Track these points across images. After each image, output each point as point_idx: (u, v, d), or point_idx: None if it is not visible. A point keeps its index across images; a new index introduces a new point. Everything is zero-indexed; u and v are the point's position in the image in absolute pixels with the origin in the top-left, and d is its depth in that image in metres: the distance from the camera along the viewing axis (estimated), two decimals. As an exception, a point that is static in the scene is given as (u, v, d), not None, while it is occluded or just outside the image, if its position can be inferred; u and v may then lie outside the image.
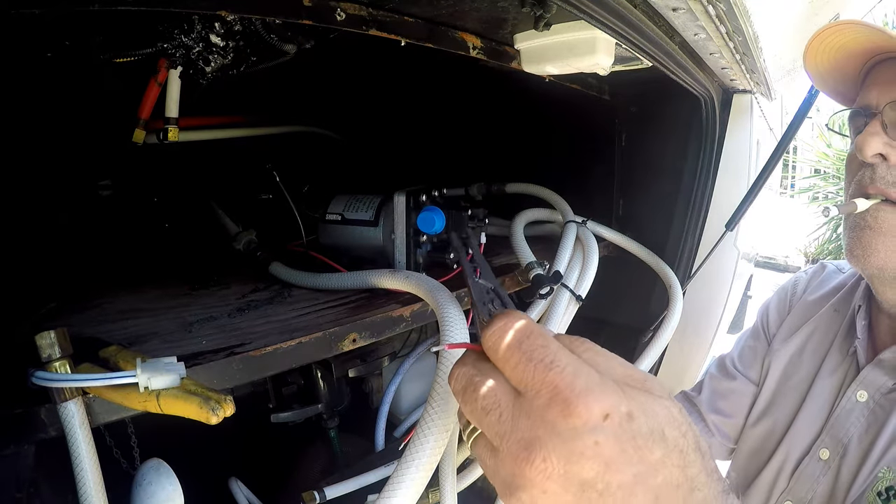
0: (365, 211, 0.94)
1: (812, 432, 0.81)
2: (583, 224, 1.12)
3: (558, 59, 0.90)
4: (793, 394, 0.87)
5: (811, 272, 1.00)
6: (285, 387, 1.03)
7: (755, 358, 0.97)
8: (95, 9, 0.56)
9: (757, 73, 1.07)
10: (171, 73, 0.87)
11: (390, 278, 0.79)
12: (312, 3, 0.67)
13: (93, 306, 0.78)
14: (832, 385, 0.82)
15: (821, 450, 0.79)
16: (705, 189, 1.23)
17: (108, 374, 0.48)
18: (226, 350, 0.62)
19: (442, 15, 0.83)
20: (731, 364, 1.00)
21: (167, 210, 1.21)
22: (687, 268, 1.26)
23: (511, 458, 0.34)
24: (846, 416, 0.78)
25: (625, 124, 1.36)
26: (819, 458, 0.79)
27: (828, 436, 0.79)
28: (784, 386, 0.89)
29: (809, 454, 0.80)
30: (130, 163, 1.10)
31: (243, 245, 1.01)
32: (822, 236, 6.73)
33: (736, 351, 1.02)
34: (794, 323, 0.94)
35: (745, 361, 0.98)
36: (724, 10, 0.74)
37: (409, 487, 0.43)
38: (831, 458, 0.78)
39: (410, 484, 0.43)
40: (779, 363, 0.91)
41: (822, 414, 0.81)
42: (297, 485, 1.02)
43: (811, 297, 0.94)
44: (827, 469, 0.78)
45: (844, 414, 0.78)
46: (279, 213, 1.11)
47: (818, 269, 1.00)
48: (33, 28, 0.74)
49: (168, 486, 0.62)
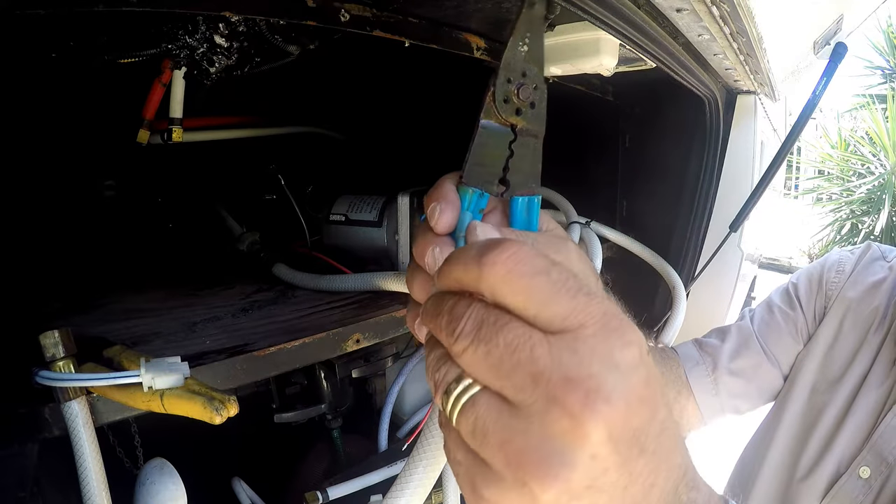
0: (369, 211, 0.94)
1: (852, 447, 0.76)
2: (586, 225, 1.11)
3: (562, 60, 0.90)
4: (826, 401, 0.80)
5: (858, 254, 0.89)
6: (289, 387, 1.03)
7: (780, 337, 0.87)
8: (100, 9, 0.56)
9: (761, 73, 1.07)
10: (176, 73, 0.87)
11: (395, 280, 0.79)
12: (316, 4, 0.67)
13: (97, 306, 0.78)
14: (877, 399, 0.76)
15: (861, 467, 0.74)
16: (709, 190, 1.23)
17: (112, 374, 0.48)
18: (229, 350, 0.62)
19: (446, 16, 0.83)
20: (760, 339, 0.89)
21: (171, 210, 1.21)
22: (690, 269, 1.26)
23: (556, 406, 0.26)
24: (892, 434, 0.73)
25: (628, 125, 1.36)
26: (859, 476, 0.74)
27: (870, 453, 0.74)
28: (816, 390, 0.82)
29: (849, 471, 0.75)
30: (134, 163, 1.10)
31: (247, 246, 1.01)
32: (826, 237, 6.71)
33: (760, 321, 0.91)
34: (831, 324, 0.85)
35: (772, 338, 0.88)
36: (728, 10, 0.74)
37: (417, 487, 0.43)
38: (872, 478, 0.73)
39: (418, 484, 0.43)
40: (811, 364, 0.84)
41: (864, 428, 0.75)
42: (301, 485, 1.02)
43: (850, 294, 0.85)
44: (868, 489, 0.73)
45: (890, 431, 0.73)
46: (283, 213, 1.11)
47: (864, 249, 0.90)
48: (38, 29, 0.75)
49: (171, 485, 0.62)
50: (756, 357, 0.87)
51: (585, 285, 0.28)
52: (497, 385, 0.28)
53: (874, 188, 6.02)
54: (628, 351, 0.27)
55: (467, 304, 0.29)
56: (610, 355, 0.27)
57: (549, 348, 0.27)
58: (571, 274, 0.28)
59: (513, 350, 0.27)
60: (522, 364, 0.27)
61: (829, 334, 0.84)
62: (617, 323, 0.28)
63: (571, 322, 0.27)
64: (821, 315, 0.86)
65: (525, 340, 0.27)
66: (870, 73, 7.36)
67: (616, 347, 0.27)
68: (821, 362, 0.83)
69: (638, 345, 0.28)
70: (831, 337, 0.83)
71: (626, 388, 0.26)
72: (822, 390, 0.81)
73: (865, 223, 6.10)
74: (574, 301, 0.28)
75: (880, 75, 7.28)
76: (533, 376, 0.27)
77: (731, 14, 0.75)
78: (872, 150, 6.18)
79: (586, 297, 0.28)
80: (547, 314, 0.28)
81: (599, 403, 0.26)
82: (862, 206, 6.16)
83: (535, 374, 0.27)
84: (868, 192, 6.08)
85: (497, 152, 0.37)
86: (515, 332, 0.27)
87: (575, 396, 0.26)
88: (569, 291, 0.28)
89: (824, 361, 0.83)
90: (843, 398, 0.78)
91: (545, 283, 0.28)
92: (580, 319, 0.27)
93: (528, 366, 0.27)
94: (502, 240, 0.29)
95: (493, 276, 0.28)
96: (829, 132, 6.96)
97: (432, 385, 0.31)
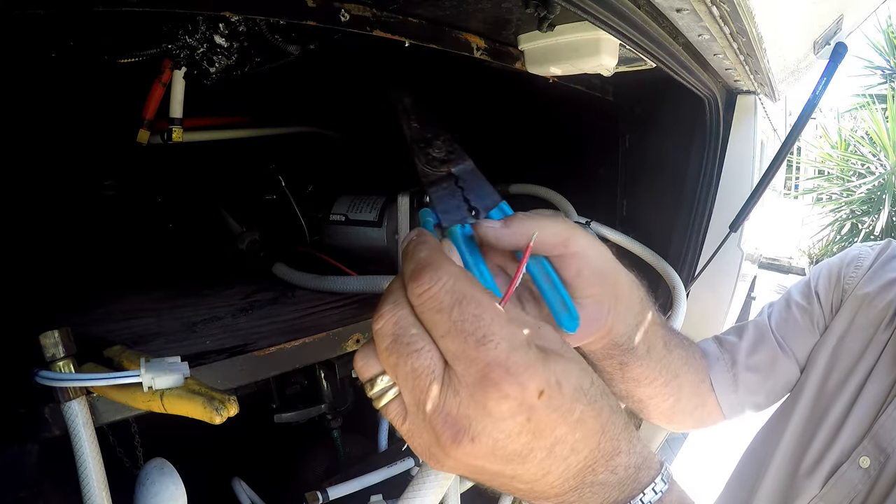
0: (369, 211, 0.94)
1: (853, 437, 0.76)
2: (586, 225, 1.11)
3: (562, 60, 0.90)
4: (833, 395, 0.80)
5: (878, 250, 0.88)
6: (289, 387, 1.03)
7: (797, 330, 0.87)
8: (100, 10, 0.56)
9: (761, 73, 1.07)
10: (176, 73, 0.87)
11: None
12: (317, 4, 0.67)
13: (97, 306, 0.78)
14: (880, 391, 0.76)
15: (861, 457, 0.74)
16: (709, 190, 1.23)
17: (112, 374, 0.48)
18: (229, 350, 0.62)
19: (446, 16, 0.83)
20: (777, 333, 0.88)
21: (171, 210, 1.21)
22: (690, 269, 1.26)
23: (434, 433, 0.33)
24: (893, 425, 0.73)
25: (628, 125, 1.35)
26: (859, 465, 0.74)
27: (870, 443, 0.74)
28: (825, 384, 0.82)
29: (849, 460, 0.75)
30: (134, 163, 1.10)
31: (247, 245, 1.01)
32: (826, 237, 6.71)
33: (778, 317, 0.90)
34: (844, 318, 0.84)
35: (789, 332, 0.87)
36: (728, 10, 0.74)
37: (431, 489, 0.43)
38: (871, 468, 0.73)
39: (433, 485, 0.43)
40: (822, 358, 0.83)
41: (866, 420, 0.76)
42: (301, 485, 1.02)
43: (866, 289, 0.83)
44: (867, 478, 0.74)
45: (891, 422, 0.73)
46: (283, 213, 1.11)
47: (884, 246, 0.88)
48: (37, 28, 0.74)
49: (171, 485, 0.62)
50: (773, 352, 0.87)
51: (481, 329, 0.31)
52: (401, 390, 0.34)
53: (874, 188, 6.02)
54: (503, 403, 0.31)
55: (394, 307, 0.34)
56: (484, 405, 0.31)
57: (440, 386, 0.32)
58: (473, 315, 0.32)
59: (416, 376, 0.32)
60: (419, 391, 0.33)
61: (841, 328, 0.83)
62: (498, 376, 0.31)
63: (459, 364, 0.32)
64: (836, 308, 0.86)
65: (428, 373, 0.32)
66: (870, 73, 7.37)
67: (491, 399, 0.31)
68: (830, 355, 0.83)
69: (514, 397, 0.31)
70: (842, 331, 0.83)
71: (496, 430, 0.32)
72: (830, 385, 0.81)
73: (865, 223, 6.11)
74: (464, 345, 0.31)
75: (880, 75, 7.28)
76: (423, 403, 0.33)
77: (731, 14, 0.75)
78: (872, 150, 6.18)
79: (477, 343, 0.31)
80: (443, 347, 0.32)
81: (465, 442, 0.32)
82: (862, 206, 6.16)
83: (425, 403, 0.32)
84: (868, 192, 6.08)
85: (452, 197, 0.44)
86: (422, 361, 0.32)
87: (447, 434, 0.32)
88: (461, 334, 0.31)
89: (834, 354, 0.82)
90: (850, 392, 0.78)
91: (444, 322, 0.32)
92: (465, 364, 0.32)
93: (423, 394, 0.32)
94: (424, 271, 0.33)
95: (412, 300, 0.33)
96: (829, 132, 6.96)
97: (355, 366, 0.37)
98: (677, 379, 0.75)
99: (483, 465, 0.33)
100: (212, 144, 1.10)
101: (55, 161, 1.02)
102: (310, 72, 1.20)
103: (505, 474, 0.34)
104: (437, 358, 0.33)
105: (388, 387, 0.35)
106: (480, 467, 0.33)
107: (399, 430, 0.35)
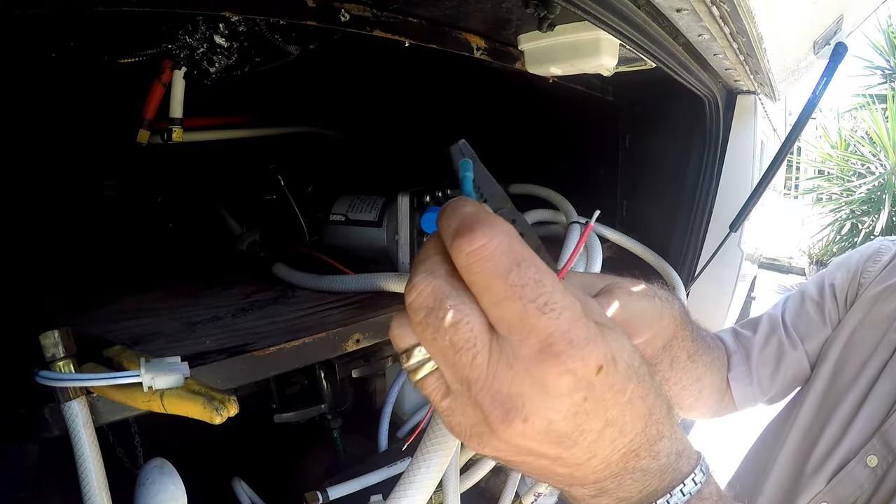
0: (368, 211, 0.94)
1: (862, 435, 0.76)
2: (586, 225, 1.11)
3: (562, 60, 0.90)
4: (844, 390, 0.80)
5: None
6: (289, 387, 1.03)
7: (810, 323, 0.87)
8: (100, 10, 0.56)
9: (761, 73, 1.07)
10: (176, 73, 0.87)
11: (396, 281, 0.79)
12: (317, 4, 0.67)
13: (96, 306, 0.78)
14: (891, 388, 0.76)
15: (868, 456, 0.74)
16: (709, 190, 1.23)
17: (112, 374, 0.48)
18: (229, 350, 0.62)
19: (446, 16, 0.83)
20: (790, 327, 0.88)
21: (171, 210, 1.21)
22: (690, 269, 1.26)
23: (480, 412, 0.29)
24: None
25: (628, 125, 1.35)
26: (866, 464, 0.74)
27: (879, 442, 0.74)
28: (835, 378, 0.82)
29: (857, 458, 0.75)
30: (134, 163, 1.10)
31: (247, 245, 1.01)
32: (826, 237, 6.71)
33: (791, 310, 0.90)
34: (859, 311, 0.83)
35: (802, 325, 0.87)
36: (729, 10, 0.74)
37: (420, 487, 0.43)
38: (878, 467, 0.73)
39: (421, 484, 0.43)
40: (833, 352, 0.83)
41: (876, 418, 0.75)
42: (300, 485, 1.02)
43: (883, 284, 0.82)
44: (873, 477, 0.73)
45: None
46: (283, 213, 1.11)
47: None
48: (37, 28, 0.74)
49: (171, 485, 0.62)
50: (785, 345, 0.87)
51: (543, 296, 0.28)
52: (439, 365, 0.31)
53: (874, 188, 6.02)
54: (563, 379, 0.28)
55: (429, 277, 0.30)
56: (542, 381, 0.28)
57: (488, 359, 0.29)
58: (534, 280, 0.28)
59: (457, 350, 0.29)
60: (461, 366, 0.29)
61: (855, 322, 0.83)
62: (561, 347, 0.28)
63: (515, 334, 0.28)
64: (851, 302, 0.85)
65: (470, 347, 0.29)
66: (870, 73, 7.37)
67: (550, 374, 0.28)
68: (843, 350, 0.82)
69: (575, 372, 0.28)
70: (856, 325, 0.82)
71: (552, 409, 0.28)
72: (841, 380, 0.81)
73: (865, 223, 6.11)
74: (524, 313, 0.28)
75: (880, 75, 7.29)
76: (468, 380, 0.29)
77: (731, 14, 0.75)
78: (872, 150, 6.18)
79: (537, 310, 0.28)
80: (495, 315, 0.28)
81: (517, 422, 0.28)
82: (862, 206, 6.16)
83: (471, 379, 0.29)
84: (868, 192, 6.08)
85: None
86: (461, 335, 0.29)
87: (497, 413, 0.28)
88: (520, 300, 0.27)
89: (846, 349, 0.82)
90: (860, 388, 0.78)
91: (500, 286, 0.28)
92: (523, 334, 0.28)
93: (466, 370, 0.29)
94: (477, 226, 0.28)
95: (457, 261, 0.28)
96: (829, 132, 6.96)
97: (390, 336, 0.33)
98: (699, 382, 0.76)
99: (531, 447, 0.30)
100: (212, 144, 1.10)
101: (55, 161, 1.02)
102: (310, 72, 1.20)
103: (549, 456, 0.31)
104: (482, 329, 0.29)
105: (425, 359, 0.31)
106: (528, 449, 0.30)
107: (437, 407, 0.32)
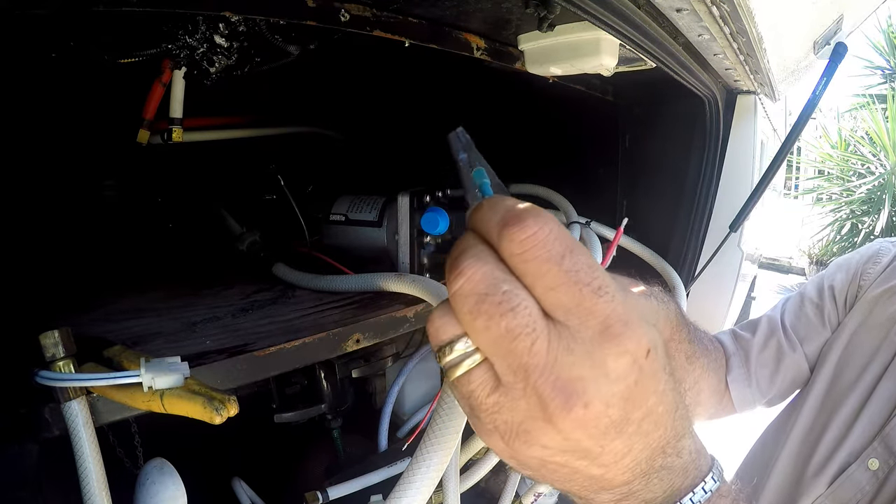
0: (369, 211, 0.94)
1: (863, 438, 0.75)
2: (586, 225, 1.11)
3: (562, 60, 0.90)
4: (845, 393, 0.79)
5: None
6: (289, 387, 1.03)
7: (809, 325, 0.86)
8: (100, 10, 0.56)
9: (761, 73, 1.07)
10: (176, 73, 0.87)
11: (396, 281, 0.79)
12: (317, 4, 0.67)
13: (97, 306, 0.78)
14: (893, 391, 0.75)
15: (870, 459, 0.73)
16: (709, 190, 1.23)
17: (112, 374, 0.48)
18: (229, 350, 0.62)
19: (446, 16, 0.83)
20: (789, 329, 0.88)
21: (171, 210, 1.21)
22: (690, 269, 1.26)
23: (539, 402, 0.28)
24: None
25: (628, 125, 1.36)
26: (867, 467, 0.74)
27: (880, 445, 0.73)
28: (836, 381, 0.81)
29: (858, 461, 0.74)
30: (134, 163, 1.10)
31: (247, 246, 1.01)
32: (826, 237, 6.71)
33: (790, 312, 0.89)
34: (859, 313, 0.83)
35: (801, 327, 0.87)
36: (729, 10, 0.74)
37: (420, 487, 0.43)
38: (880, 470, 0.72)
39: (421, 484, 0.43)
40: (834, 355, 0.82)
41: (877, 421, 0.75)
42: (301, 485, 1.02)
43: (884, 286, 0.82)
44: (874, 480, 0.73)
45: None
46: (283, 213, 1.11)
47: None
48: (37, 28, 0.74)
49: (171, 485, 0.62)
50: (784, 347, 0.86)
51: (597, 279, 0.28)
52: (489, 356, 0.29)
53: (874, 188, 6.02)
54: (622, 360, 0.28)
55: (478, 262, 0.28)
56: (603, 363, 0.28)
57: (548, 345, 0.28)
58: (587, 265, 0.28)
59: (515, 336, 0.28)
60: (519, 353, 0.28)
61: (855, 324, 0.82)
62: (619, 328, 0.28)
63: (573, 318, 0.28)
64: (851, 304, 0.85)
65: (528, 333, 0.28)
66: (870, 73, 7.38)
67: (610, 356, 0.28)
68: (843, 352, 0.82)
69: (632, 353, 0.28)
70: (856, 327, 0.82)
71: (609, 393, 0.28)
72: (841, 382, 0.80)
73: (865, 223, 6.11)
74: (580, 296, 0.28)
75: (880, 75, 7.29)
76: (525, 367, 0.28)
77: (731, 14, 0.75)
78: (872, 150, 6.18)
79: (593, 294, 0.28)
80: (551, 301, 0.28)
81: (578, 408, 0.28)
82: (862, 206, 6.16)
83: (529, 366, 0.28)
84: (868, 192, 6.08)
85: None
86: (519, 320, 0.28)
87: (558, 400, 0.28)
88: (576, 285, 0.28)
89: (846, 351, 0.81)
90: (861, 390, 0.77)
91: (555, 272, 0.28)
92: (582, 318, 0.28)
93: (525, 357, 0.28)
94: (526, 215, 0.28)
95: (509, 249, 0.28)
96: (829, 132, 6.97)
97: (429, 330, 0.31)
98: (698, 384, 0.76)
99: (579, 440, 0.29)
100: (212, 144, 1.10)
101: (55, 161, 1.02)
102: (310, 72, 1.20)
103: (591, 454, 0.30)
104: (538, 314, 0.28)
105: (469, 352, 0.30)
106: (575, 443, 0.29)
107: (479, 404, 0.30)
